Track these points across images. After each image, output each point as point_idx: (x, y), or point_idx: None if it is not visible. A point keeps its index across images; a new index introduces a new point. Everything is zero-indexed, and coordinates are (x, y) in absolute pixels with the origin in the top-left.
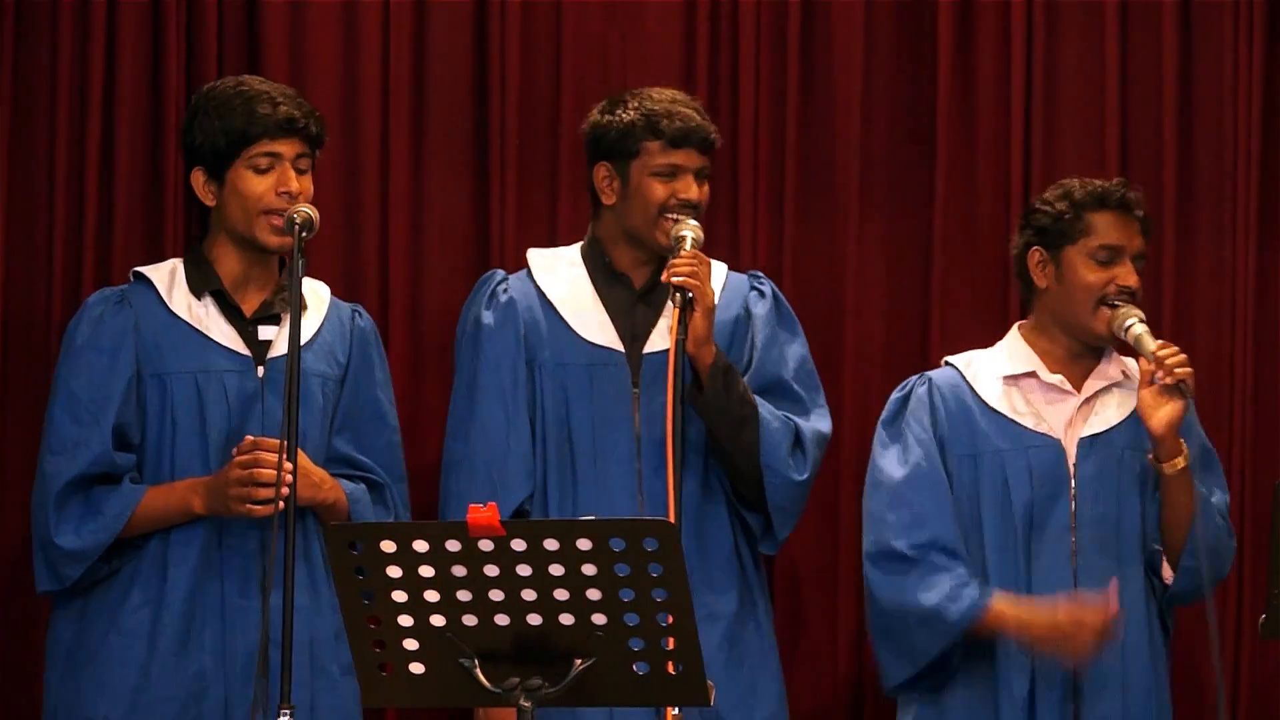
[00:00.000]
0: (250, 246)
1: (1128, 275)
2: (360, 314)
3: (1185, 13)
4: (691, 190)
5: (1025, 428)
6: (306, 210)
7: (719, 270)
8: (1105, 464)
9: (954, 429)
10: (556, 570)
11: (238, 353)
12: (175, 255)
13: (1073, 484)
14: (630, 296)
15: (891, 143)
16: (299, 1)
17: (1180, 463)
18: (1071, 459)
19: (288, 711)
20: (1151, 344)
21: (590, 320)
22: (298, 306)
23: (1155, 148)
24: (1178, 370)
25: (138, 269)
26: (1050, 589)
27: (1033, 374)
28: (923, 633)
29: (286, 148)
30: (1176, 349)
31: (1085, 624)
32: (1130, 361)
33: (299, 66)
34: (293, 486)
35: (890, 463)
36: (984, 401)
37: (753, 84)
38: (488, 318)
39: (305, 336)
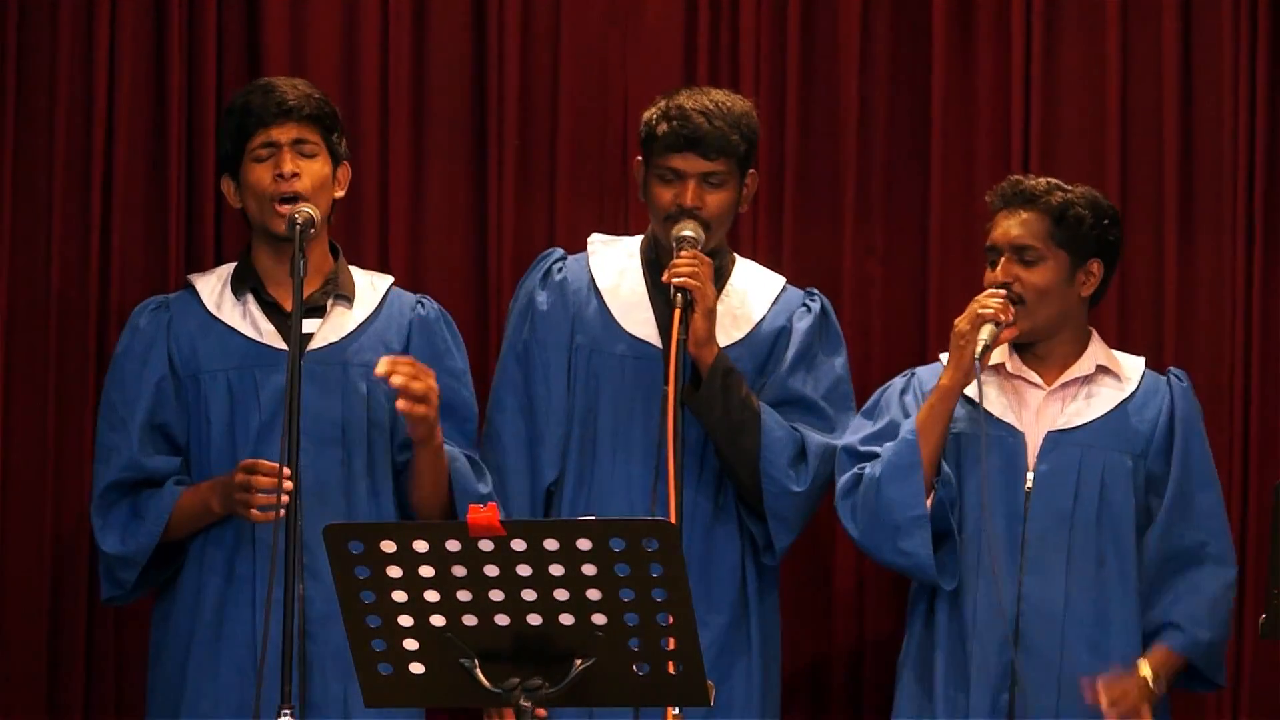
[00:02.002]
0: (276, 240)
1: (998, 271)
2: (424, 303)
3: (1185, 13)
4: (687, 196)
5: (990, 414)
6: (308, 210)
7: (776, 283)
8: (1067, 460)
9: None
10: (556, 570)
11: (274, 348)
12: (176, 257)
13: (1029, 476)
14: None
15: (891, 143)
16: (299, 1)
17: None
18: (1033, 452)
19: (288, 711)
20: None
21: (633, 311)
22: (299, 308)
23: (1155, 148)
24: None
25: (189, 276)
26: (994, 577)
27: (1003, 365)
28: (892, 487)
29: (281, 133)
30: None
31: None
32: (1121, 356)
33: (299, 66)
34: (292, 494)
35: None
36: None
37: (753, 84)
38: (541, 297)
39: (351, 326)
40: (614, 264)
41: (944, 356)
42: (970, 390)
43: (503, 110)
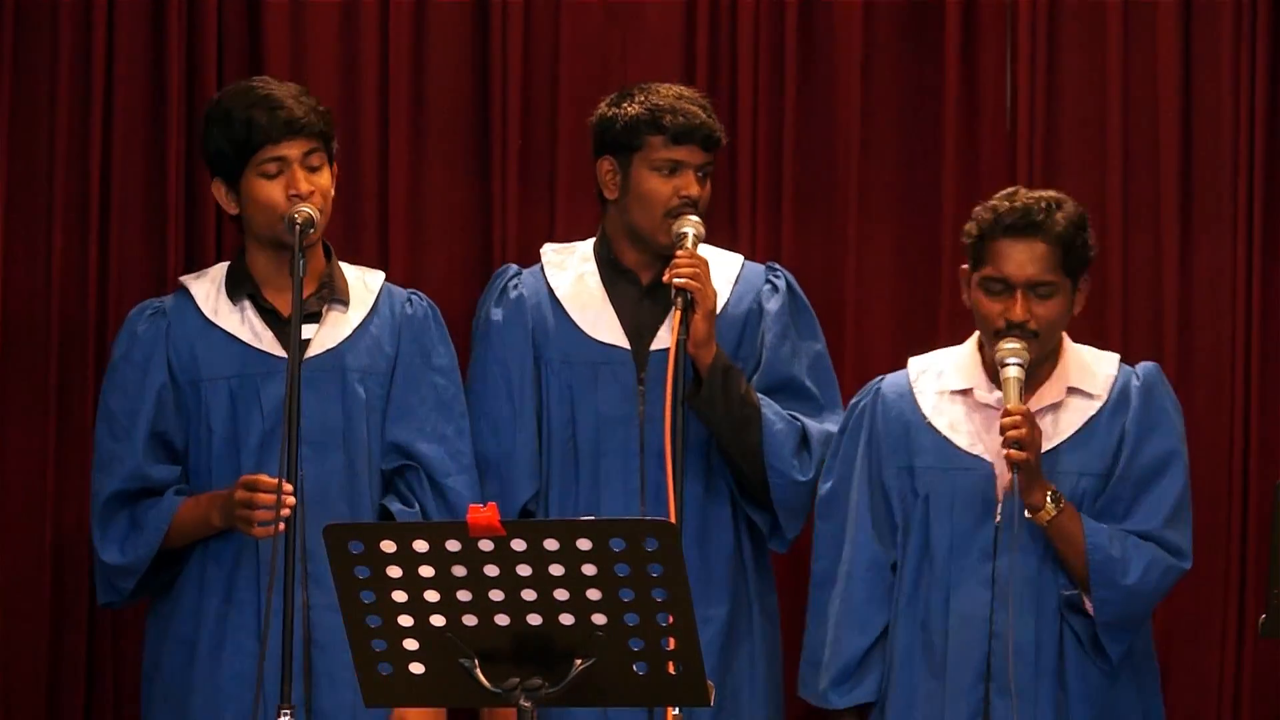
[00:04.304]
0: (281, 248)
1: (1012, 309)
2: (413, 300)
3: (1185, 13)
4: (693, 187)
5: (957, 447)
6: (308, 210)
7: (735, 262)
8: None
9: (890, 444)
10: (556, 570)
11: (273, 355)
12: (176, 258)
13: (999, 508)
14: (637, 293)
15: (890, 142)
16: (299, 1)
17: (1043, 515)
18: (1003, 482)
19: (288, 712)
20: (1008, 401)
21: (597, 317)
22: (299, 308)
23: (1155, 148)
24: (1012, 451)
25: (181, 278)
26: (968, 613)
27: (970, 391)
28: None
29: (291, 149)
30: (1017, 419)
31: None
32: (1091, 360)
33: (299, 66)
34: (292, 508)
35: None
36: (922, 414)
37: (752, 83)
38: (497, 314)
39: (347, 330)
40: (569, 271)
41: (914, 359)
42: (940, 424)
43: (504, 109)
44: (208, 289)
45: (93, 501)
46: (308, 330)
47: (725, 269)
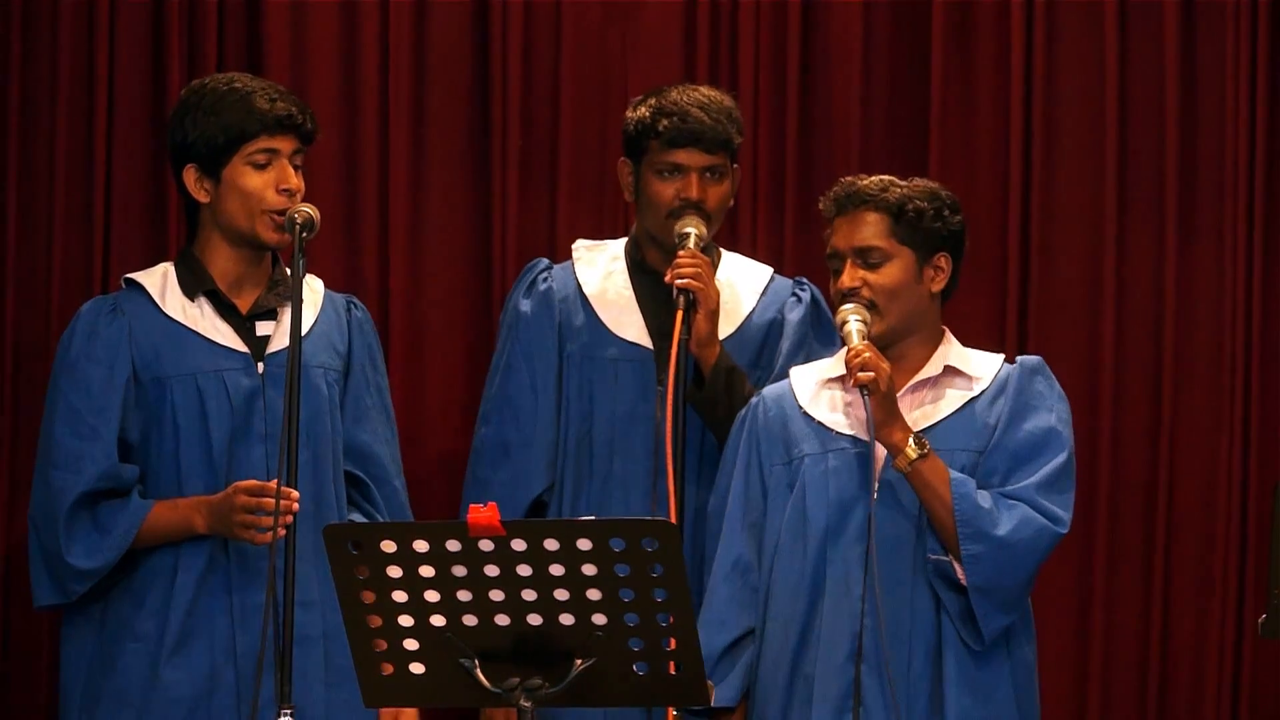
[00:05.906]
0: (246, 244)
1: (844, 277)
2: (355, 305)
3: (1186, 13)
4: (692, 190)
5: (832, 430)
6: (308, 210)
7: (764, 273)
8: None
9: (770, 441)
10: (557, 570)
11: (236, 350)
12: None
13: (875, 485)
14: (661, 293)
15: (891, 143)
16: (299, 1)
17: (902, 460)
18: (880, 461)
19: (288, 711)
20: (850, 343)
21: (621, 315)
22: (298, 308)
23: (1155, 148)
24: (859, 374)
25: (129, 275)
26: (840, 592)
27: (845, 376)
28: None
29: (284, 144)
30: (863, 348)
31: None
32: (976, 355)
33: (299, 66)
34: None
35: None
36: (799, 406)
37: (752, 84)
38: (524, 305)
39: (304, 328)
40: (599, 269)
41: (795, 367)
42: (816, 412)
43: (504, 109)
44: (160, 284)
45: (52, 501)
46: (266, 327)
47: (754, 280)
